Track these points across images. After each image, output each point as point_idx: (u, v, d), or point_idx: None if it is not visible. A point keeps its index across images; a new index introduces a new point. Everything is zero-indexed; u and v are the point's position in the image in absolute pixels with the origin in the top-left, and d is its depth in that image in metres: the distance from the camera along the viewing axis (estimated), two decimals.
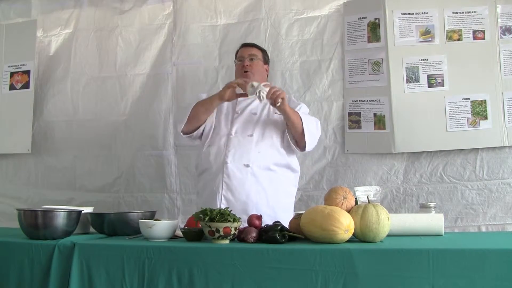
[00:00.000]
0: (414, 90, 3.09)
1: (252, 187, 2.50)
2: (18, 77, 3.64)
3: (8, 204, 3.51)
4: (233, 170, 2.50)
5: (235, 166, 2.50)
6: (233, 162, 2.51)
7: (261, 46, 2.90)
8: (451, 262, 1.60)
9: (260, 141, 2.56)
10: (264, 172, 2.53)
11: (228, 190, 2.50)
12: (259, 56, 2.76)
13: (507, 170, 2.96)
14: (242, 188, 2.49)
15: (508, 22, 3.04)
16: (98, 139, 3.53)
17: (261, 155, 2.54)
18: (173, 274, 1.77)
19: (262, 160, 2.53)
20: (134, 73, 3.52)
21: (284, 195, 2.62)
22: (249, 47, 2.81)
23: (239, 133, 2.58)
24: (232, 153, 2.52)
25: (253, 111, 2.67)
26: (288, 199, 2.67)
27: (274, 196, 2.54)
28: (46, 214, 2.00)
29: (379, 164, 3.13)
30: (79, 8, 3.65)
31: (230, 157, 2.51)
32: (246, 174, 2.50)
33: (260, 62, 2.76)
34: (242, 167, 2.50)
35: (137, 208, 3.33)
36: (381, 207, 1.89)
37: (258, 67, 2.73)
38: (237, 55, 2.81)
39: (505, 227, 2.93)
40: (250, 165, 2.51)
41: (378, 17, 3.19)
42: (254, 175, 2.51)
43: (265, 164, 2.54)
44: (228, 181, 2.49)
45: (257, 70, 2.72)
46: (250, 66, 2.70)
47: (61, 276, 1.86)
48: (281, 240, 1.82)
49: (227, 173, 2.50)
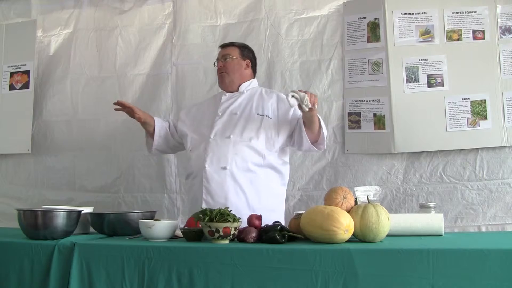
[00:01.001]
0: (414, 90, 3.09)
1: (230, 190, 2.48)
2: (18, 77, 3.64)
3: (8, 204, 3.51)
4: (212, 173, 2.49)
5: (213, 170, 2.49)
6: (211, 166, 2.49)
7: (239, 43, 2.84)
8: (451, 262, 1.60)
9: (237, 143, 2.53)
10: (243, 173, 2.50)
11: (208, 193, 2.49)
12: (233, 54, 2.72)
13: (507, 170, 2.96)
14: (221, 191, 2.47)
15: (508, 22, 3.04)
16: (98, 139, 3.52)
17: (239, 157, 2.51)
18: (173, 274, 1.77)
19: (239, 162, 2.50)
20: (134, 73, 3.52)
21: (267, 196, 2.56)
22: (223, 47, 2.79)
23: (218, 135, 2.56)
24: (210, 157, 2.51)
25: (233, 111, 2.64)
26: (273, 198, 2.61)
27: (254, 197, 2.51)
28: (46, 214, 2.00)
29: (379, 164, 3.13)
30: (79, 8, 3.65)
31: (208, 161, 2.50)
32: (224, 177, 2.48)
33: (234, 60, 2.72)
34: (220, 170, 2.48)
35: (137, 208, 3.33)
36: (381, 207, 1.89)
37: (232, 66, 2.71)
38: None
39: (505, 227, 2.93)
40: (227, 167, 2.49)
41: (378, 17, 3.19)
42: (233, 177, 2.49)
43: (243, 166, 2.51)
44: (207, 185, 2.49)
45: (232, 69, 2.70)
46: (223, 67, 2.70)
47: (61, 276, 1.86)
48: (281, 240, 1.82)
49: (206, 177, 2.49)
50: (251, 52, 2.83)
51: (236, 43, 2.83)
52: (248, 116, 2.60)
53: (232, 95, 2.71)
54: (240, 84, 2.72)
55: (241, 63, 2.74)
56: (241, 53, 2.76)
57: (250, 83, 2.76)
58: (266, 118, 2.58)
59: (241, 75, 2.73)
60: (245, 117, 2.60)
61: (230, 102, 2.68)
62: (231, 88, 2.72)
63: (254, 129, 2.56)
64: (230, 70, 2.70)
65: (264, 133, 2.56)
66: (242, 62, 2.75)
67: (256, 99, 2.67)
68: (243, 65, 2.75)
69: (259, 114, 2.60)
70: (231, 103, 2.67)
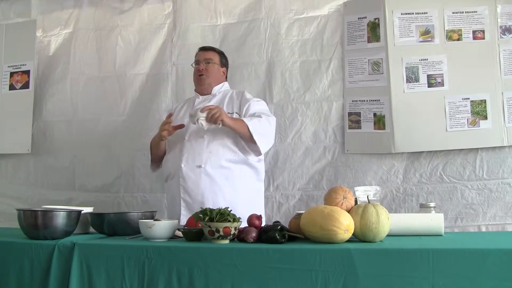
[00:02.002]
0: (414, 90, 3.09)
1: (206, 187, 2.53)
2: (18, 77, 3.64)
3: (8, 204, 3.51)
4: (187, 172, 2.55)
5: (189, 169, 2.55)
6: (187, 165, 2.56)
7: (219, 49, 2.90)
8: (451, 262, 1.60)
9: (211, 142, 2.58)
10: (218, 170, 2.56)
11: (186, 192, 2.55)
12: (215, 60, 2.80)
13: (507, 170, 2.96)
14: (198, 189, 2.54)
15: (508, 22, 3.04)
16: (97, 139, 3.52)
17: (213, 155, 2.56)
18: (173, 274, 1.77)
19: (214, 159, 2.56)
20: (134, 73, 3.52)
21: (243, 191, 2.61)
22: (205, 51, 2.84)
23: (193, 136, 2.62)
24: (186, 157, 2.57)
25: None
26: (250, 193, 2.66)
27: (231, 193, 2.56)
28: (46, 214, 2.00)
29: (379, 164, 3.13)
30: (78, 8, 3.65)
31: (184, 161, 2.56)
32: (199, 175, 2.54)
33: (215, 65, 2.80)
34: (195, 168, 2.55)
35: (137, 208, 3.33)
36: (381, 207, 1.89)
37: (213, 71, 2.78)
38: (195, 59, 2.84)
39: (505, 227, 2.93)
40: (202, 165, 2.54)
41: (378, 17, 3.19)
42: (208, 175, 2.54)
43: (217, 163, 2.56)
44: (184, 184, 2.55)
45: (212, 73, 2.77)
46: (205, 69, 2.75)
47: (61, 276, 1.86)
48: (281, 240, 1.82)
49: (182, 176, 2.55)
50: (227, 61, 2.92)
51: (216, 49, 2.90)
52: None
53: (205, 98, 2.78)
54: (214, 87, 2.79)
55: (219, 69, 2.84)
56: (220, 60, 2.86)
57: (222, 85, 2.83)
58: (236, 115, 2.66)
59: (218, 80, 2.82)
60: None
61: (204, 104, 2.70)
62: (206, 91, 2.79)
63: (225, 129, 2.57)
64: (210, 73, 2.77)
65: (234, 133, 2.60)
66: (220, 69, 2.85)
67: (227, 100, 2.74)
68: (221, 72, 2.85)
69: (229, 113, 2.65)
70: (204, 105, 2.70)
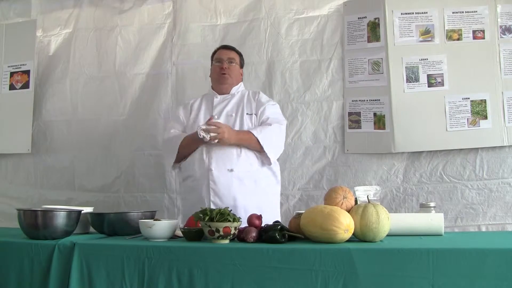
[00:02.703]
0: (414, 89, 3.09)
1: (237, 191, 2.54)
2: (18, 77, 3.64)
3: (8, 204, 3.51)
4: (218, 176, 2.54)
5: (220, 172, 2.54)
6: (217, 168, 2.55)
7: (238, 50, 2.90)
8: (451, 262, 1.60)
9: (239, 146, 2.58)
10: (247, 174, 2.57)
11: (216, 195, 2.55)
12: (237, 60, 2.81)
13: (507, 170, 2.96)
14: (229, 192, 2.54)
15: (508, 21, 3.04)
16: (97, 139, 3.52)
17: (242, 159, 2.57)
18: (173, 274, 1.77)
19: (244, 164, 2.57)
20: (134, 72, 3.52)
21: (268, 194, 2.66)
22: (228, 49, 2.84)
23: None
24: (215, 160, 2.55)
25: (229, 113, 2.70)
26: (273, 196, 2.72)
27: (260, 196, 2.58)
28: (46, 214, 2.00)
29: (379, 163, 3.13)
30: (78, 8, 3.65)
31: (214, 164, 2.55)
32: (231, 179, 2.54)
33: (237, 66, 2.81)
34: (226, 172, 2.54)
35: (137, 208, 3.32)
36: (381, 206, 1.89)
37: (235, 71, 2.79)
38: (215, 57, 2.83)
39: (505, 226, 2.93)
40: (233, 169, 2.55)
41: (378, 16, 3.19)
42: (239, 179, 2.55)
43: (247, 167, 2.58)
44: (215, 187, 2.54)
45: (234, 74, 2.78)
46: (228, 69, 2.75)
47: (61, 276, 1.86)
48: (281, 240, 1.82)
49: (212, 179, 2.54)
50: (244, 62, 2.93)
51: (237, 49, 2.90)
52: (242, 117, 2.68)
53: (224, 97, 2.76)
54: (233, 87, 2.80)
55: (239, 70, 2.85)
56: (240, 61, 2.87)
57: (239, 86, 2.84)
58: (254, 116, 2.68)
59: (237, 81, 2.82)
60: (239, 118, 2.68)
61: (224, 104, 2.73)
62: (226, 91, 2.78)
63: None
64: (232, 74, 2.77)
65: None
66: (240, 70, 2.86)
67: (245, 100, 2.75)
68: (240, 73, 2.86)
69: (248, 113, 2.68)
70: (225, 105, 2.73)
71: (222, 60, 2.77)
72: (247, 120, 2.67)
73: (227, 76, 2.74)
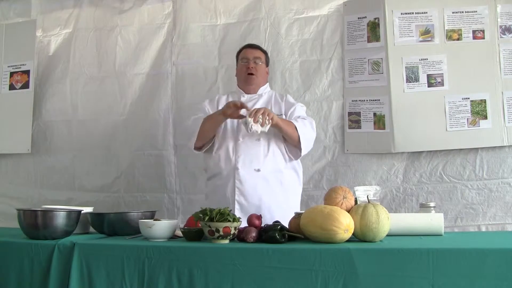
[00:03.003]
0: (414, 89, 3.09)
1: (263, 191, 2.54)
2: (18, 77, 3.64)
3: (8, 204, 3.51)
4: (245, 175, 2.54)
5: (246, 172, 2.55)
6: (244, 168, 2.55)
7: (264, 48, 2.91)
8: (451, 262, 1.60)
9: (267, 145, 2.59)
10: (274, 175, 2.58)
11: (241, 195, 2.55)
12: (262, 59, 2.80)
13: (507, 170, 2.96)
14: (255, 192, 2.54)
15: (508, 21, 3.04)
16: (97, 139, 3.52)
17: (269, 159, 2.58)
18: (173, 274, 1.77)
19: (271, 164, 2.57)
20: (134, 72, 3.52)
21: (292, 195, 2.67)
22: (253, 48, 2.82)
23: (248, 138, 2.60)
24: (242, 159, 2.56)
25: None
26: (296, 197, 2.72)
27: (284, 197, 2.59)
28: (46, 214, 2.00)
29: (379, 163, 3.13)
30: (78, 8, 3.65)
31: (241, 163, 2.55)
32: (257, 179, 2.54)
33: (263, 65, 2.80)
34: (253, 172, 2.55)
35: (136, 208, 3.32)
36: (381, 206, 1.89)
37: (261, 70, 2.77)
38: (240, 56, 2.82)
39: (505, 226, 2.93)
40: (260, 169, 2.55)
41: (377, 16, 3.19)
42: (265, 179, 2.56)
43: (273, 168, 2.58)
44: (241, 186, 2.54)
45: (261, 73, 2.77)
46: (254, 69, 2.73)
47: (61, 276, 1.86)
48: (281, 240, 1.82)
49: (238, 178, 2.55)
50: (269, 60, 2.92)
51: (262, 48, 2.90)
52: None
53: (251, 97, 2.75)
54: (260, 87, 2.79)
55: (265, 69, 2.83)
56: (266, 59, 2.85)
57: (266, 86, 2.84)
58: (284, 117, 2.66)
59: (264, 80, 2.82)
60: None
61: (251, 104, 2.70)
62: (253, 91, 2.77)
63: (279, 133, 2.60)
64: (259, 73, 2.76)
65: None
66: (266, 69, 2.84)
67: (273, 101, 2.75)
68: (266, 72, 2.85)
69: (278, 115, 2.63)
70: (252, 105, 2.70)
71: (248, 59, 2.75)
72: None
73: (254, 76, 2.73)
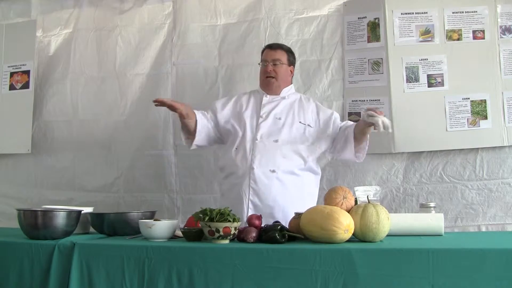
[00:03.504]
0: (414, 90, 3.09)
1: (278, 192, 2.53)
2: (18, 77, 3.64)
3: (8, 204, 3.50)
4: (260, 175, 2.52)
5: (261, 172, 2.53)
6: (259, 168, 2.53)
7: (287, 46, 2.85)
8: (451, 262, 1.60)
9: (284, 147, 2.58)
10: (289, 176, 2.56)
11: (255, 195, 2.53)
12: (283, 60, 2.73)
13: (507, 170, 2.96)
14: (269, 193, 2.52)
15: (508, 21, 3.04)
16: (97, 139, 3.52)
17: (286, 160, 2.56)
18: (173, 274, 1.77)
19: (287, 165, 2.56)
20: (134, 73, 3.52)
21: (308, 198, 2.63)
22: (273, 49, 2.76)
23: (265, 138, 2.59)
24: (258, 159, 2.54)
25: (277, 116, 2.67)
26: (312, 200, 2.67)
27: (299, 199, 2.55)
28: (46, 214, 2.00)
29: (379, 164, 3.13)
30: (78, 8, 3.64)
31: (257, 163, 2.54)
32: (272, 180, 2.53)
33: (284, 66, 2.73)
34: (268, 172, 2.53)
35: (137, 208, 3.32)
36: (381, 207, 1.89)
37: (281, 72, 2.72)
38: (262, 57, 2.78)
39: (505, 227, 2.93)
40: (276, 170, 2.53)
41: (378, 16, 3.19)
42: (280, 180, 2.54)
43: (290, 169, 2.56)
44: (255, 186, 2.53)
45: (280, 75, 2.72)
46: (273, 71, 2.70)
47: (61, 276, 1.86)
48: (281, 240, 1.82)
49: (253, 178, 2.53)
50: (294, 58, 2.85)
51: (285, 46, 2.83)
52: (291, 123, 2.65)
53: (273, 98, 2.73)
54: (283, 89, 2.75)
55: (287, 69, 2.77)
56: (288, 59, 2.77)
57: (290, 88, 2.80)
58: (308, 127, 2.65)
59: (286, 81, 2.77)
60: (288, 123, 2.65)
61: (273, 106, 2.69)
62: (275, 92, 2.74)
63: (298, 136, 2.62)
64: (279, 76, 2.71)
65: (307, 141, 2.63)
66: (288, 68, 2.78)
67: (297, 106, 2.72)
68: (289, 71, 2.78)
69: (301, 122, 2.65)
70: (273, 106, 2.69)
71: (266, 61, 2.72)
72: (300, 128, 2.63)
73: (273, 80, 2.70)
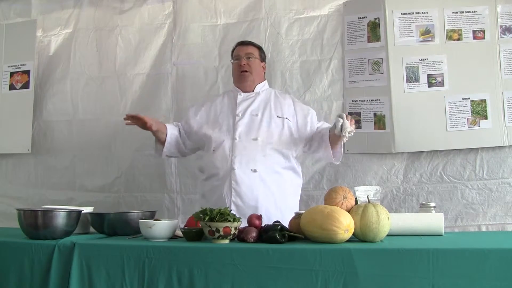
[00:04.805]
0: (414, 89, 3.09)
1: (260, 192, 2.49)
2: (18, 77, 3.64)
3: (8, 204, 3.51)
4: (241, 176, 2.49)
5: (243, 172, 2.49)
6: (241, 168, 2.49)
7: (257, 44, 2.87)
8: (451, 262, 1.60)
9: (265, 145, 2.55)
10: (271, 175, 2.53)
11: (237, 196, 2.49)
12: (255, 55, 2.74)
13: (507, 170, 2.96)
14: (251, 193, 2.49)
15: (508, 21, 3.04)
16: (97, 139, 3.52)
17: (267, 159, 2.53)
18: (173, 274, 1.77)
19: (268, 164, 2.53)
20: (134, 73, 3.52)
21: (290, 196, 2.63)
22: (245, 45, 2.77)
23: (243, 137, 2.56)
24: (239, 159, 2.51)
25: (254, 113, 2.64)
26: (294, 198, 2.67)
27: (281, 198, 2.54)
28: (46, 214, 2.00)
29: (379, 163, 3.13)
30: (78, 8, 3.65)
31: (237, 163, 2.50)
32: (254, 180, 2.49)
33: (257, 60, 2.74)
34: (249, 172, 2.50)
35: (137, 208, 3.32)
36: (381, 206, 1.89)
37: (255, 66, 2.72)
38: (233, 54, 2.79)
39: (505, 226, 2.93)
40: (257, 170, 2.50)
41: (378, 16, 3.19)
42: (262, 180, 2.50)
43: (271, 168, 2.54)
44: (237, 187, 2.49)
45: (255, 69, 2.71)
46: (247, 65, 2.69)
47: (61, 276, 1.86)
48: (281, 240, 1.82)
49: (235, 179, 2.49)
50: (265, 56, 2.86)
51: (255, 43, 2.84)
52: (269, 118, 2.62)
53: (248, 95, 2.71)
54: (257, 84, 2.74)
55: (260, 64, 2.77)
56: (260, 54, 2.78)
57: (264, 84, 2.79)
58: (287, 120, 2.62)
59: (260, 77, 2.76)
60: (266, 119, 2.62)
61: (248, 103, 2.67)
62: (249, 88, 2.72)
63: (277, 132, 2.59)
64: (253, 69, 2.70)
65: (286, 136, 2.60)
66: (261, 64, 2.78)
67: (273, 100, 2.69)
68: (261, 67, 2.78)
69: (279, 116, 2.62)
70: (249, 103, 2.67)
71: (240, 57, 2.71)
72: (278, 123, 2.60)
73: (248, 74, 2.68)
